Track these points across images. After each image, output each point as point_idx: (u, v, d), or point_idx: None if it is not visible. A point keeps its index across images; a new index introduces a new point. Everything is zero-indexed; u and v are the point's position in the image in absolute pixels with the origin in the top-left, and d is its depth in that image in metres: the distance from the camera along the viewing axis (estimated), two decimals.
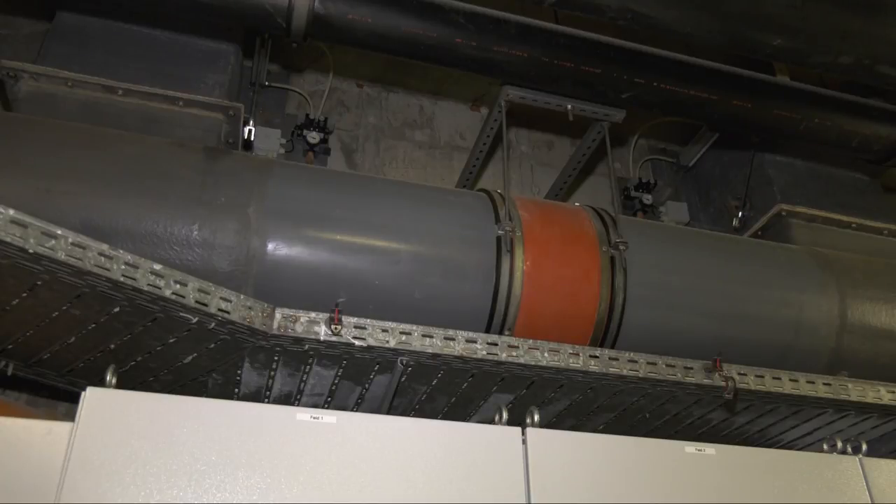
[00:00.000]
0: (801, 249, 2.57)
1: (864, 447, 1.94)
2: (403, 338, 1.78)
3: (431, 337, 1.79)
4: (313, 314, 1.75)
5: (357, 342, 1.75)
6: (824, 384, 2.11)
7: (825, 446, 1.94)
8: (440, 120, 3.58)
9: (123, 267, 1.57)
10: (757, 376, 2.04)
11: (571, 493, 1.64)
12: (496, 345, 1.84)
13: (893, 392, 2.16)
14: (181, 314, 1.64)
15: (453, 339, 1.81)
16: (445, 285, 2.05)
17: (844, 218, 2.96)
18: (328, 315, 1.74)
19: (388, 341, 1.77)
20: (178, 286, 1.62)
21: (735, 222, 3.10)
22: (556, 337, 1.96)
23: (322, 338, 1.73)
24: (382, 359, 1.82)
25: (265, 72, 2.96)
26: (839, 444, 1.94)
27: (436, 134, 3.55)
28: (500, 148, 2.79)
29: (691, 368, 1.98)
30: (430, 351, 1.79)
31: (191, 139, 2.17)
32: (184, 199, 1.92)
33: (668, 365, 1.96)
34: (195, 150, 2.06)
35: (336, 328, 1.73)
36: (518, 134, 3.66)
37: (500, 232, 2.10)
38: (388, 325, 1.78)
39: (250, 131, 2.43)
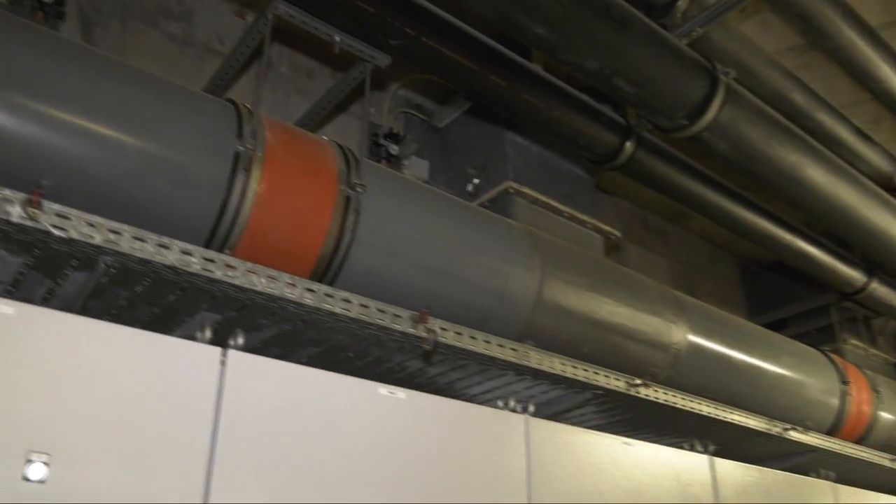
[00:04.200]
0: (518, 226, 2.79)
1: (532, 408, 2.19)
2: (112, 236, 1.64)
3: (143, 241, 1.67)
4: (7, 191, 1.54)
5: (56, 231, 1.58)
6: (512, 349, 2.33)
7: (500, 403, 2.16)
8: (200, 16, 3.33)
9: None
10: (456, 333, 2.19)
11: (262, 417, 1.65)
12: (213, 261, 1.77)
13: (564, 364, 2.45)
14: None
15: (168, 248, 1.71)
16: (170, 191, 1.92)
17: (560, 206, 3.26)
18: (26, 196, 1.55)
19: (93, 237, 1.61)
20: None
21: (469, 187, 3.28)
22: (277, 265, 1.93)
23: (14, 219, 1.53)
24: (83, 255, 1.66)
25: None
26: (511, 403, 2.16)
27: (192, 30, 3.29)
28: (258, 63, 2.67)
29: (400, 317, 2.07)
30: (139, 255, 1.66)
31: None
32: None
33: (379, 310, 2.03)
34: None
35: (33, 212, 1.54)
36: (281, 53, 3.52)
37: (240, 148, 2.00)
38: (96, 219, 1.63)
39: None
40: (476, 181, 3.29)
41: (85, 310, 1.89)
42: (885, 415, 4.29)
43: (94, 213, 1.64)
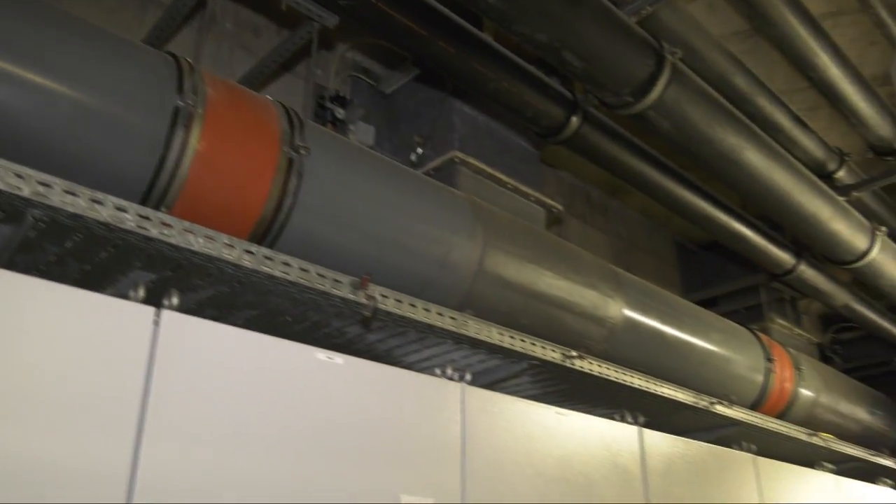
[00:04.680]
0: (462, 195, 2.79)
1: (469, 377, 2.21)
2: (41, 189, 1.57)
3: (75, 195, 1.61)
4: None
5: None
6: (451, 318, 2.34)
7: (437, 371, 2.17)
8: None
9: None
10: (397, 300, 2.19)
11: (196, 379, 1.63)
12: (149, 219, 1.72)
13: (502, 335, 2.48)
14: None
15: (101, 204, 1.65)
16: (105, 144, 1.85)
17: (504, 178, 3.28)
18: None
19: (21, 189, 1.55)
20: None
21: (414, 157, 3.27)
22: (215, 225, 1.89)
23: None
24: (10, 207, 1.59)
25: None
26: (449, 371, 2.18)
27: None
28: (201, 16, 2.59)
29: (340, 282, 2.05)
30: (70, 210, 1.61)
31: None
32: None
33: (319, 274, 2.01)
34: None
35: None
36: (225, 7, 3.41)
37: (179, 103, 1.94)
38: (25, 171, 1.56)
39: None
40: (421, 150, 3.27)
41: (11, 264, 1.82)
42: (805, 392, 4.48)
43: (22, 164, 1.57)
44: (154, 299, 1.64)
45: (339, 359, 1.90)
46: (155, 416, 1.52)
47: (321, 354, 1.87)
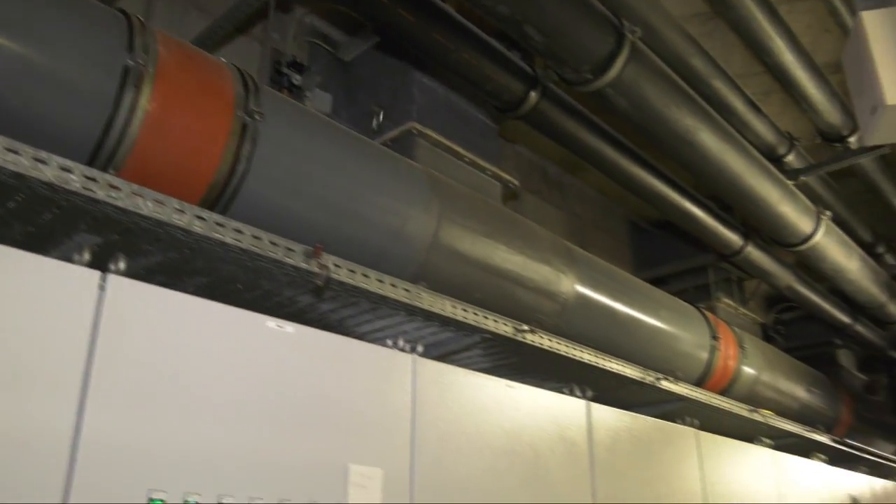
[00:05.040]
0: (419, 167, 2.78)
1: (420, 348, 2.22)
2: None
3: (17, 154, 1.55)
4: None
5: None
6: (404, 289, 2.33)
7: (389, 342, 2.17)
8: None
9: None
10: (350, 270, 2.18)
11: (143, 345, 1.60)
12: (95, 181, 1.67)
13: (455, 307, 2.48)
14: None
15: (45, 163, 1.60)
16: (50, 102, 1.79)
17: (462, 151, 3.27)
18: None
19: None
20: None
21: (374, 124, 3.23)
22: (166, 189, 1.84)
23: None
24: None
25: None
26: (401, 342, 2.18)
27: None
28: None
29: (293, 251, 2.03)
30: (12, 169, 1.55)
31: None
32: None
33: (272, 242, 1.98)
34: None
35: None
36: None
37: (129, 62, 1.88)
38: None
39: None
40: (379, 119, 3.24)
41: None
42: (747, 369, 4.60)
43: None
44: (100, 263, 1.60)
45: (289, 327, 1.89)
46: (99, 382, 1.50)
47: (271, 323, 1.86)
